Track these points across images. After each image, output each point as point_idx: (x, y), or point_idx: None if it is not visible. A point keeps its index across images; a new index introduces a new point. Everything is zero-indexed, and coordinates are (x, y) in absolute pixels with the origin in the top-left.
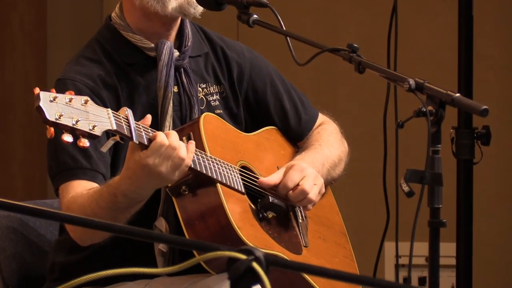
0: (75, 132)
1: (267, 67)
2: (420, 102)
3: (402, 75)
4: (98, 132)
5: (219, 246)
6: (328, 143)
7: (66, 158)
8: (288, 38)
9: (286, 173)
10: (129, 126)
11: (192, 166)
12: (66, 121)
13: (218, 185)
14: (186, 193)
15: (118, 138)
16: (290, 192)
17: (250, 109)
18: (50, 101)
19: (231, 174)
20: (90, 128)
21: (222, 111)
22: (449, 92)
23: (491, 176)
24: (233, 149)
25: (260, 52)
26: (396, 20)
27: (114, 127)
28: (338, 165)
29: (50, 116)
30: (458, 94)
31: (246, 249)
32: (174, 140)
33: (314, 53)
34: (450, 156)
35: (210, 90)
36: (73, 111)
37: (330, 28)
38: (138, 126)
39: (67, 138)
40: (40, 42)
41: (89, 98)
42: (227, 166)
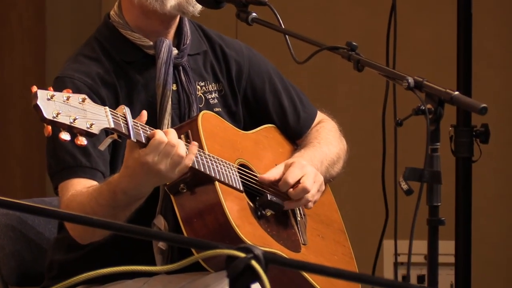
0: (73, 130)
1: (266, 65)
2: (419, 100)
3: (401, 73)
4: (95, 130)
5: (218, 244)
6: (326, 141)
7: (65, 156)
8: (286, 36)
9: (286, 170)
10: (126, 124)
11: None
12: (63, 119)
13: (217, 183)
14: (185, 191)
15: (116, 136)
16: (291, 189)
17: (248, 107)
18: (48, 99)
19: (230, 172)
20: (88, 126)
21: (220, 109)
22: (448, 90)
23: (490, 174)
24: (231, 147)
25: (258, 50)
26: (395, 18)
27: (112, 125)
28: (336, 163)
29: (48, 114)
30: (457, 92)
31: (245, 247)
32: (173, 137)
33: (313, 51)
34: (449, 154)
35: (208, 88)
36: (70, 109)
37: (329, 26)
38: (135, 124)
39: (65, 136)
40: (39, 40)
41: (86, 96)
42: (226, 164)
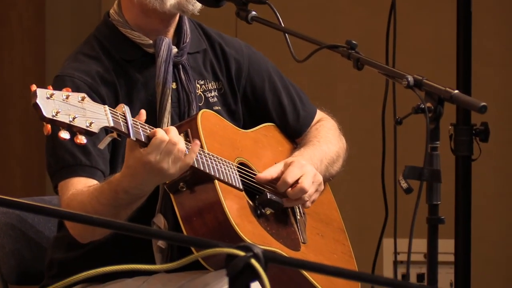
0: (72, 129)
1: (266, 64)
2: (418, 98)
3: (401, 72)
4: (95, 129)
5: (218, 242)
6: (326, 140)
7: (65, 155)
8: (286, 34)
9: (285, 169)
10: (126, 123)
11: None
12: (63, 118)
13: (216, 181)
14: (184, 189)
15: (115, 135)
16: (289, 189)
17: (248, 105)
18: (47, 98)
19: (229, 171)
20: (87, 125)
21: (220, 108)
22: (447, 88)
23: (490, 172)
24: (231, 145)
25: (258, 48)
26: (394, 16)
27: (111, 124)
28: (336, 161)
29: (47, 113)
30: (456, 91)
31: (244, 245)
32: (174, 135)
33: (312, 49)
34: (449, 152)
35: (208, 87)
36: (70, 108)
37: (329, 24)
38: (135, 122)
39: (64, 135)
40: (38, 38)
41: (86, 95)
42: (225, 163)
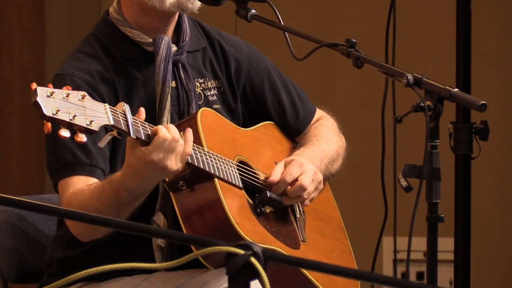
0: (72, 127)
1: (265, 62)
2: (418, 97)
3: (400, 70)
4: (95, 127)
5: (217, 241)
6: (326, 138)
7: (65, 153)
8: (286, 33)
9: (285, 167)
10: (126, 121)
11: (189, 161)
12: (63, 116)
13: (216, 180)
14: (184, 188)
15: (115, 133)
16: (289, 187)
17: (247, 103)
18: (47, 96)
19: (229, 169)
20: (87, 123)
21: (219, 106)
22: (447, 87)
23: (489, 171)
24: (230, 144)
25: (258, 47)
26: (394, 15)
27: (111, 122)
28: (336, 160)
29: (47, 111)
30: (456, 89)
31: (244, 244)
32: (175, 133)
33: (312, 48)
34: (448, 151)
35: (208, 85)
36: (70, 106)
37: (328, 23)
38: (135, 121)
39: (65, 133)
40: (38, 36)
41: (86, 93)
42: (225, 161)
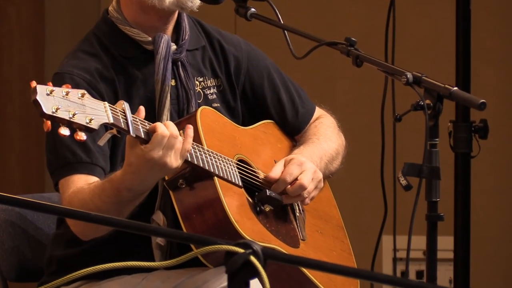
0: (72, 125)
1: (265, 60)
2: (417, 95)
3: (400, 69)
4: (95, 125)
5: (217, 239)
6: (325, 137)
7: (65, 152)
8: (285, 31)
9: (285, 166)
10: (126, 120)
11: (189, 159)
12: (63, 114)
13: (215, 178)
14: (183, 186)
15: (115, 131)
16: (288, 186)
17: (247, 102)
18: (47, 94)
19: (228, 168)
20: (87, 121)
21: (219, 105)
22: (446, 85)
23: (489, 169)
24: (230, 142)
25: (257, 46)
26: (394, 13)
27: (111, 120)
28: (335, 159)
29: (47, 109)
30: (455, 88)
31: (243, 242)
32: (174, 129)
33: (311, 46)
34: (448, 149)
35: (207, 84)
36: (70, 105)
37: (328, 21)
38: (135, 119)
39: (64, 131)
40: (37, 35)
41: (86, 92)
42: (224, 160)
